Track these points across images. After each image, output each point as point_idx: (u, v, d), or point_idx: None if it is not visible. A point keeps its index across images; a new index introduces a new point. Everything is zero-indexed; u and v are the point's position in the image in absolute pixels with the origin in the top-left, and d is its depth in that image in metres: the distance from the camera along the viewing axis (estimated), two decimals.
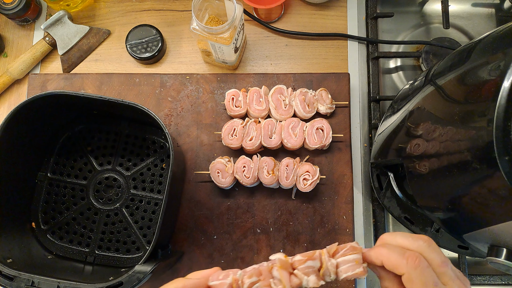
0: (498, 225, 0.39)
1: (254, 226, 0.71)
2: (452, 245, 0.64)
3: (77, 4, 0.80)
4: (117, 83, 0.75)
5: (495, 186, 0.37)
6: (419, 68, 0.82)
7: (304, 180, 0.68)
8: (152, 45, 0.76)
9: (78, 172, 0.71)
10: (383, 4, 0.85)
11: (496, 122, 0.35)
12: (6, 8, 0.75)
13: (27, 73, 0.79)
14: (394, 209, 0.66)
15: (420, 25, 0.85)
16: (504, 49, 0.40)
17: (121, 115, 0.71)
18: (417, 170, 0.51)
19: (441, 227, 0.61)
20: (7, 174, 0.62)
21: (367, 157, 0.76)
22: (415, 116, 0.53)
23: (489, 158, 0.36)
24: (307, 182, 0.67)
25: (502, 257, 0.42)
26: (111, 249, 0.69)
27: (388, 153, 0.61)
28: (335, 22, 0.81)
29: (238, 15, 0.63)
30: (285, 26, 0.80)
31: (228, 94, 0.71)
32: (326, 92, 0.73)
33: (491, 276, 0.72)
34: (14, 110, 0.57)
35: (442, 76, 0.49)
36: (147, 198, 0.70)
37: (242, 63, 0.79)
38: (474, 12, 0.85)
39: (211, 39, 0.65)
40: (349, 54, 0.80)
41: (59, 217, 0.69)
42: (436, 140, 0.46)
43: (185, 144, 0.73)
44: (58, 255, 0.67)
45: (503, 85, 0.36)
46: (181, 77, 0.75)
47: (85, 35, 0.79)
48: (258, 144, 0.69)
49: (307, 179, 0.68)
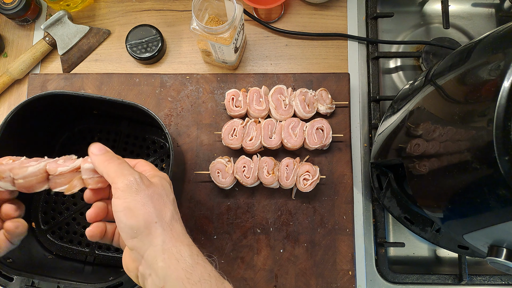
0: (498, 225, 0.39)
1: (254, 226, 0.71)
2: (452, 245, 0.64)
3: (77, 4, 0.80)
4: (117, 83, 0.75)
5: (495, 186, 0.37)
6: (419, 68, 0.82)
7: (304, 180, 0.68)
8: (152, 45, 0.76)
9: None
10: (383, 4, 0.85)
11: (496, 122, 0.35)
12: (6, 8, 0.75)
13: (27, 73, 0.79)
14: (394, 209, 0.66)
15: (420, 25, 0.85)
16: (504, 49, 0.40)
17: (121, 115, 0.71)
18: (417, 170, 0.51)
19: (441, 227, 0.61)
20: None
21: (367, 157, 0.76)
22: (415, 116, 0.53)
23: (489, 158, 0.36)
24: (307, 182, 0.67)
25: (502, 257, 0.42)
26: (111, 249, 0.69)
27: (388, 153, 0.61)
28: (335, 22, 0.81)
29: (238, 15, 0.63)
30: (285, 26, 0.80)
31: (228, 94, 0.71)
32: (326, 92, 0.73)
33: (491, 276, 0.72)
34: (14, 110, 0.57)
35: (442, 76, 0.49)
36: None
37: (242, 63, 0.79)
38: (474, 12, 0.85)
39: (211, 39, 0.65)
40: (349, 54, 0.80)
41: (59, 217, 0.69)
42: (436, 140, 0.46)
43: (185, 144, 0.73)
44: (58, 255, 0.67)
45: (503, 85, 0.36)
46: (181, 77, 0.75)
47: (85, 35, 0.79)
48: (258, 144, 0.69)
49: (307, 179, 0.68)
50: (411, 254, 0.77)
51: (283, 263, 0.70)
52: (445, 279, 0.72)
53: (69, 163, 0.44)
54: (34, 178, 0.44)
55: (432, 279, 0.72)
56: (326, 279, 0.69)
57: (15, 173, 0.43)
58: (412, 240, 0.77)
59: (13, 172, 0.43)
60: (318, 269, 0.69)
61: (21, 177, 0.43)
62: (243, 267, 0.70)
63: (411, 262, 0.77)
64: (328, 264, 0.69)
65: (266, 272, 0.69)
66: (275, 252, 0.70)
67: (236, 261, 0.70)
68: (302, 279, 0.69)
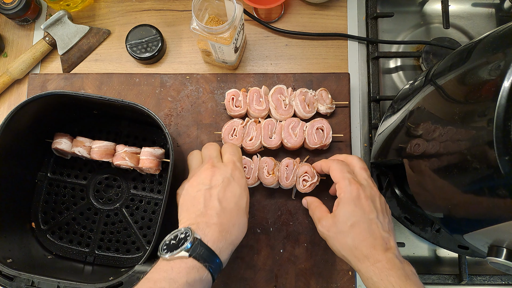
0: (498, 225, 0.39)
1: (254, 226, 0.71)
2: (452, 245, 0.64)
3: (77, 4, 0.80)
4: (117, 83, 0.75)
5: (495, 186, 0.37)
6: (419, 68, 0.82)
7: (303, 181, 0.68)
8: (152, 45, 0.76)
9: (78, 172, 0.71)
10: (383, 4, 0.85)
11: (496, 122, 0.35)
12: (6, 8, 0.75)
13: (27, 73, 0.79)
14: (394, 209, 0.66)
15: (420, 25, 0.85)
16: (504, 49, 0.40)
17: (121, 115, 0.71)
18: (417, 170, 0.51)
19: (441, 227, 0.61)
20: (7, 174, 0.62)
21: (367, 157, 0.76)
22: (415, 116, 0.53)
23: (489, 158, 0.36)
24: (307, 183, 0.67)
25: (502, 257, 0.42)
26: (111, 249, 0.69)
27: (388, 153, 0.61)
28: (335, 22, 0.81)
29: (238, 15, 0.63)
30: (285, 26, 0.81)
31: (228, 94, 0.71)
32: (326, 92, 0.73)
33: (491, 276, 0.72)
34: (14, 110, 0.57)
35: (442, 76, 0.49)
36: (147, 198, 0.70)
37: (242, 63, 0.79)
38: (474, 12, 0.85)
39: (211, 39, 0.65)
40: (349, 54, 0.80)
41: (59, 217, 0.69)
42: (436, 140, 0.46)
43: (185, 144, 0.73)
44: (58, 255, 0.67)
45: (503, 85, 0.36)
46: (181, 77, 0.75)
47: (85, 35, 0.79)
48: (258, 144, 0.69)
49: (307, 181, 0.68)
50: (411, 254, 0.77)
51: (283, 263, 0.70)
52: (445, 279, 0.72)
53: (132, 149, 0.66)
54: (104, 149, 0.65)
55: (432, 279, 0.72)
56: (326, 279, 0.69)
57: (94, 142, 0.65)
58: (412, 240, 0.77)
59: (92, 142, 0.65)
60: (318, 269, 0.69)
61: (97, 146, 0.65)
62: (243, 267, 0.70)
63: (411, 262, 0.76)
64: (328, 264, 0.69)
65: (266, 272, 0.69)
66: (275, 252, 0.70)
67: (236, 261, 0.70)
68: (302, 279, 0.69)
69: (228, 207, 0.51)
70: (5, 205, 0.62)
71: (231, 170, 0.54)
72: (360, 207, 0.54)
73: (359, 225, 0.53)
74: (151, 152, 0.64)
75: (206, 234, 0.48)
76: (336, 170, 0.58)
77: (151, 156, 0.64)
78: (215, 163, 0.55)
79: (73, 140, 0.66)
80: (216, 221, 0.49)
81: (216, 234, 0.48)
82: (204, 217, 0.50)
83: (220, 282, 0.69)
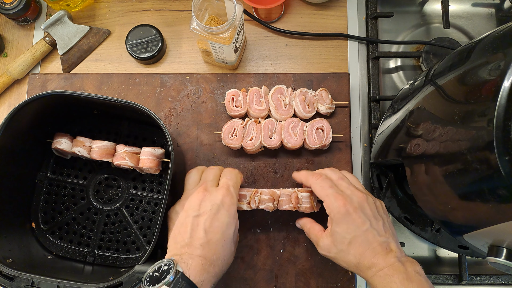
0: (498, 225, 0.39)
1: (254, 226, 0.71)
2: (452, 245, 0.64)
3: (77, 4, 0.80)
4: (117, 83, 0.75)
5: (495, 186, 0.37)
6: (419, 68, 0.82)
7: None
8: (152, 45, 0.76)
9: (78, 172, 0.71)
10: (383, 4, 0.85)
11: (496, 122, 0.35)
12: (6, 8, 0.75)
13: (27, 73, 0.79)
14: (394, 209, 0.66)
15: (420, 25, 0.85)
16: (504, 49, 0.40)
17: (121, 115, 0.71)
18: (417, 170, 0.51)
19: (441, 227, 0.61)
20: (7, 174, 0.62)
21: (367, 157, 0.76)
22: (415, 116, 0.53)
23: (489, 158, 0.36)
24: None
25: (502, 257, 0.42)
26: (111, 249, 0.69)
27: (388, 153, 0.61)
28: (335, 22, 0.81)
29: (238, 15, 0.63)
30: (285, 26, 0.81)
31: (228, 94, 0.71)
32: (326, 92, 0.73)
33: (491, 276, 0.72)
34: (14, 110, 0.57)
35: (442, 76, 0.49)
36: (147, 198, 0.70)
37: (242, 63, 0.79)
38: (474, 12, 0.85)
39: (211, 39, 0.65)
40: (349, 54, 0.80)
41: (59, 217, 0.69)
42: (436, 140, 0.46)
43: (185, 144, 0.73)
44: (58, 255, 0.67)
45: (503, 85, 0.36)
46: (181, 77, 0.75)
47: (85, 35, 0.79)
48: (258, 144, 0.69)
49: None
50: (411, 254, 0.77)
51: (283, 263, 0.70)
52: (445, 279, 0.72)
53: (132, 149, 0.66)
54: (104, 149, 0.65)
55: (432, 279, 0.72)
56: (326, 279, 0.69)
57: (94, 142, 0.65)
58: (412, 240, 0.77)
59: (93, 142, 0.65)
60: (318, 269, 0.69)
61: (97, 146, 0.65)
62: (243, 267, 0.70)
63: None
64: (328, 264, 0.69)
65: (266, 272, 0.69)
66: (275, 252, 0.70)
67: (236, 261, 0.70)
68: (302, 279, 0.69)
69: (214, 238, 0.51)
70: (5, 205, 0.62)
71: (221, 196, 0.54)
72: (352, 223, 0.54)
73: (356, 240, 0.54)
74: (151, 152, 0.64)
75: (189, 267, 0.48)
76: (317, 189, 0.58)
77: (151, 156, 0.64)
78: (208, 187, 0.56)
79: (73, 140, 0.66)
80: (200, 253, 0.50)
81: (199, 267, 0.48)
82: (189, 248, 0.50)
83: (220, 282, 0.69)
